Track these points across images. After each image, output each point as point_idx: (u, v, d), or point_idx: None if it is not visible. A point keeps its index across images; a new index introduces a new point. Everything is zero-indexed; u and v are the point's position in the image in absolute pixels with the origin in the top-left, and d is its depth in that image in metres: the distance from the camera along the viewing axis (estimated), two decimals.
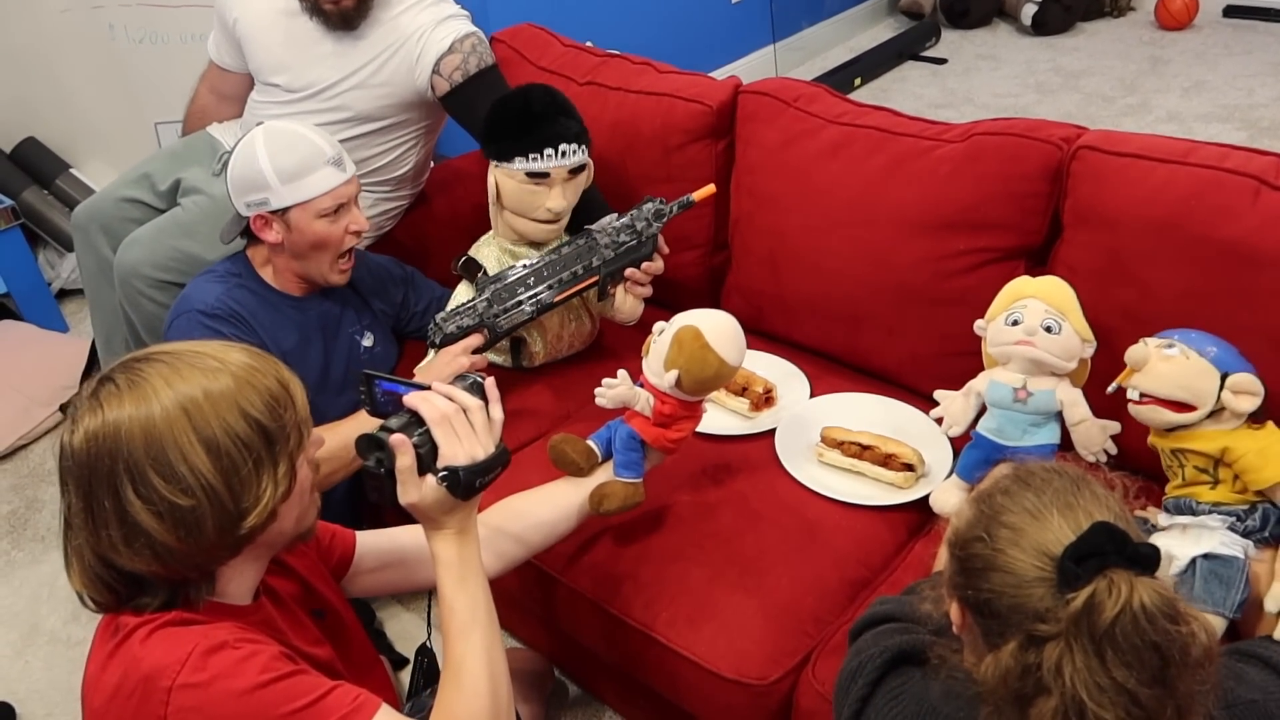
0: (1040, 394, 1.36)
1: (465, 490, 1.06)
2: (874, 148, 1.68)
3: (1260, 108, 3.64)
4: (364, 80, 1.96)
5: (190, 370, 0.95)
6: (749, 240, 1.88)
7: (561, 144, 1.69)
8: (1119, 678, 0.80)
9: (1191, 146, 1.44)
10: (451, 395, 1.09)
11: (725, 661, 1.36)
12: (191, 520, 0.92)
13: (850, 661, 1.09)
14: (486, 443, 1.08)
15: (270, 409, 0.96)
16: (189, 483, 0.91)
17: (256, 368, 0.98)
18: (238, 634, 0.95)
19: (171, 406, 0.92)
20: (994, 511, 0.89)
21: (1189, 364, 1.22)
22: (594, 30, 3.02)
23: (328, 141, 1.65)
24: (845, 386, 1.77)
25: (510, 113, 1.71)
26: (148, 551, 0.92)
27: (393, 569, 1.30)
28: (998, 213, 1.57)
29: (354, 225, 1.68)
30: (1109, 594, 0.80)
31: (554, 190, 1.72)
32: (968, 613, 0.91)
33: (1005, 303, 1.40)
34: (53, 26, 3.06)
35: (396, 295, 1.93)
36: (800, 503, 1.54)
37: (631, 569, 1.48)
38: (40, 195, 3.13)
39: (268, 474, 0.96)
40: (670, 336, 1.36)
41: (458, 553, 1.08)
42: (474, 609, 1.07)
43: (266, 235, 1.66)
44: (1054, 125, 1.56)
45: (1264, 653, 1.05)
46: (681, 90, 1.90)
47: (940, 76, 4.22)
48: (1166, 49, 4.20)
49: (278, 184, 1.60)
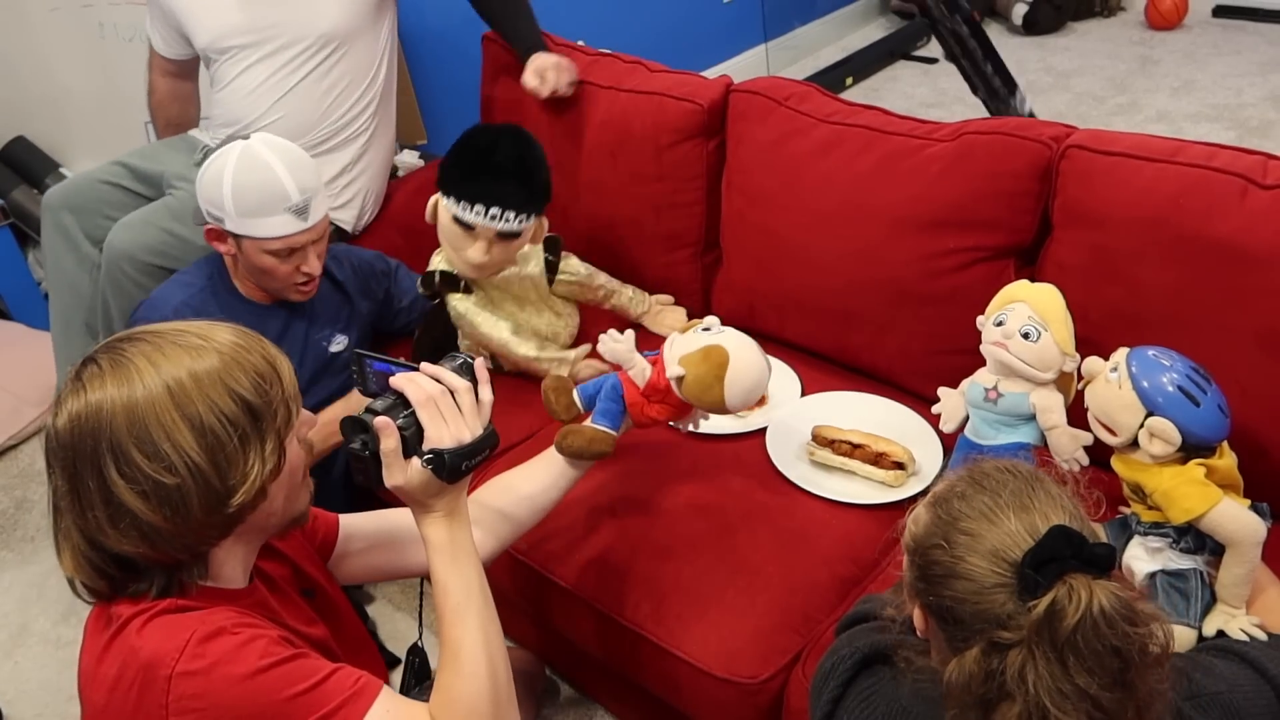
0: (1010, 396, 1.37)
1: (450, 473, 1.04)
2: (864, 147, 1.68)
3: (1249, 107, 3.66)
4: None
5: (174, 349, 0.94)
6: (740, 239, 1.88)
7: (494, 207, 1.61)
8: (1081, 683, 0.81)
9: (1180, 146, 1.44)
10: (439, 377, 1.07)
11: (716, 660, 1.36)
12: (177, 498, 0.91)
13: (824, 662, 1.10)
14: (474, 425, 1.07)
15: (257, 386, 0.95)
16: (173, 460, 0.90)
17: (243, 345, 0.97)
18: (235, 619, 0.94)
19: (155, 386, 0.91)
20: (951, 517, 0.89)
21: (1118, 394, 1.21)
22: (586, 29, 3.02)
23: (298, 187, 1.59)
24: (836, 385, 1.77)
25: (471, 149, 1.65)
26: (134, 532, 0.91)
27: (382, 549, 1.28)
28: (987, 211, 1.57)
29: (305, 267, 1.66)
30: (1069, 600, 0.80)
31: (477, 244, 1.65)
32: (930, 618, 0.92)
33: (999, 303, 1.40)
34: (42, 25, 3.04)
35: (379, 291, 1.91)
36: (791, 501, 1.54)
37: (623, 567, 1.48)
38: (30, 195, 3.12)
39: (255, 451, 0.94)
40: (705, 343, 1.36)
41: (448, 535, 1.07)
42: (468, 590, 1.06)
43: (219, 246, 1.67)
44: (1043, 124, 1.56)
45: (1236, 647, 1.07)
46: (673, 89, 1.90)
47: (931, 76, 4.23)
48: (1156, 49, 4.22)
49: (234, 214, 1.59)
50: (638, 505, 1.55)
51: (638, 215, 1.97)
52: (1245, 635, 1.12)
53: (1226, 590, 1.16)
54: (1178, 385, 1.18)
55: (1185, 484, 1.16)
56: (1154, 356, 1.21)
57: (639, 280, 2.07)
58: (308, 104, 2.03)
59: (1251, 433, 1.34)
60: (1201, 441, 1.18)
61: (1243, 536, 1.14)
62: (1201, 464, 1.18)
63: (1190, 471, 1.17)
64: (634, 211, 1.98)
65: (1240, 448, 1.27)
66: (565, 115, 2.02)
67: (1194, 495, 1.16)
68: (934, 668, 0.94)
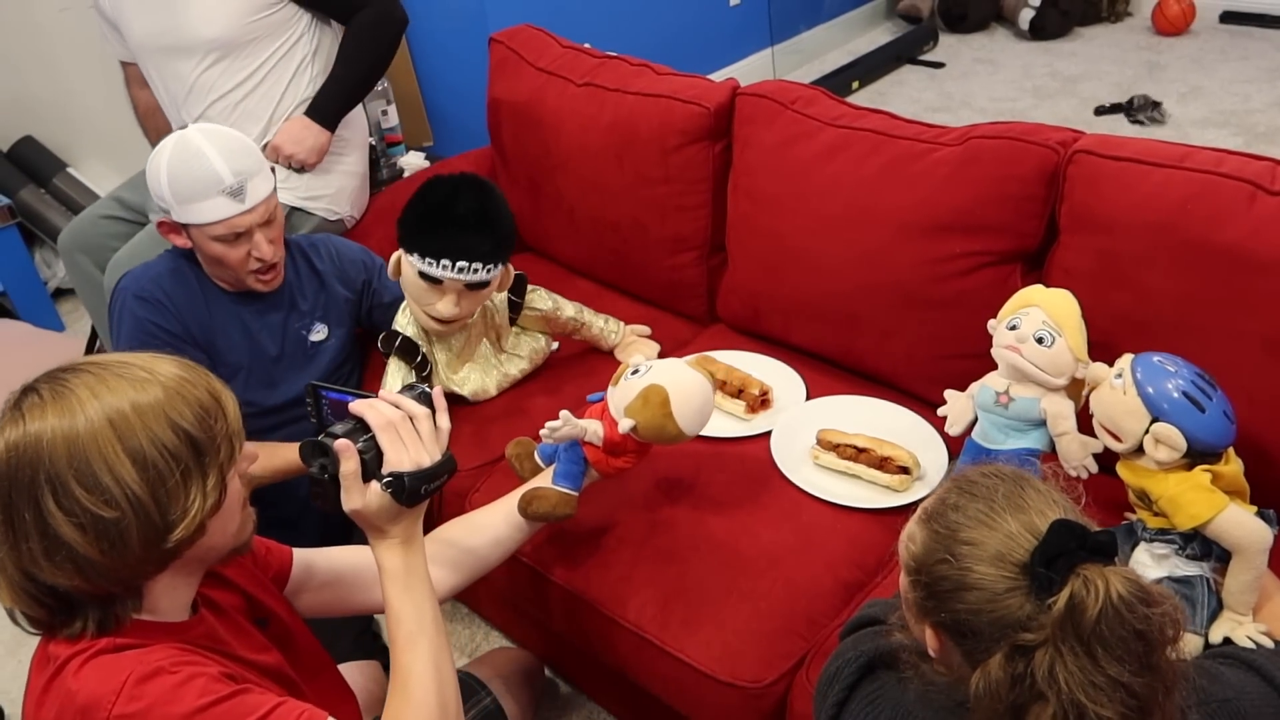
0: (1021, 401, 1.37)
1: (410, 497, 1.05)
2: (871, 150, 1.68)
3: (1256, 113, 3.65)
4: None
5: (117, 381, 0.92)
6: (746, 242, 1.88)
7: (461, 260, 1.57)
8: (1113, 673, 0.80)
9: (1187, 151, 1.44)
10: (398, 403, 1.08)
11: (719, 664, 1.36)
12: (115, 533, 0.89)
13: (829, 666, 1.09)
14: (433, 450, 1.08)
15: (200, 420, 0.94)
16: (113, 494, 0.89)
17: (187, 379, 0.96)
18: (175, 657, 0.92)
19: (96, 418, 0.89)
20: (950, 529, 0.88)
21: (1123, 400, 1.21)
22: (593, 32, 3.03)
23: (231, 170, 1.60)
24: (841, 389, 1.77)
25: (430, 203, 1.60)
26: (70, 565, 0.89)
27: (340, 587, 1.28)
28: (994, 216, 1.57)
29: (255, 252, 1.67)
30: (1087, 592, 0.80)
31: (445, 297, 1.62)
32: (944, 635, 0.91)
33: (1013, 307, 1.40)
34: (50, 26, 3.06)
35: (358, 281, 1.90)
36: (795, 505, 1.54)
37: (626, 570, 1.48)
38: (37, 194, 3.13)
39: (196, 486, 0.93)
40: (640, 388, 1.35)
41: (403, 561, 1.08)
42: (420, 618, 1.06)
43: (175, 239, 1.68)
44: (1050, 129, 1.56)
45: (1243, 654, 1.06)
46: (679, 92, 1.90)
47: (938, 80, 4.23)
48: (1163, 54, 4.21)
49: (173, 201, 1.61)
50: (642, 508, 1.55)
51: (643, 218, 1.97)
52: (1252, 642, 1.12)
53: (1233, 597, 1.16)
54: (1183, 391, 1.18)
55: (1191, 490, 1.16)
56: (1159, 362, 1.21)
57: (644, 283, 2.07)
58: (233, 105, 2.07)
59: (1258, 439, 1.34)
60: (1207, 447, 1.18)
61: (1249, 543, 1.14)
62: (1207, 470, 1.17)
63: (1196, 477, 1.17)
64: (640, 214, 1.98)
65: (1247, 454, 1.26)
66: (572, 118, 2.02)
67: (1200, 501, 1.15)
68: (940, 673, 0.94)
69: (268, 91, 2.08)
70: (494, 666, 1.59)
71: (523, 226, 1.93)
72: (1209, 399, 1.18)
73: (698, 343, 1.96)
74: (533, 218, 2.20)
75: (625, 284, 2.12)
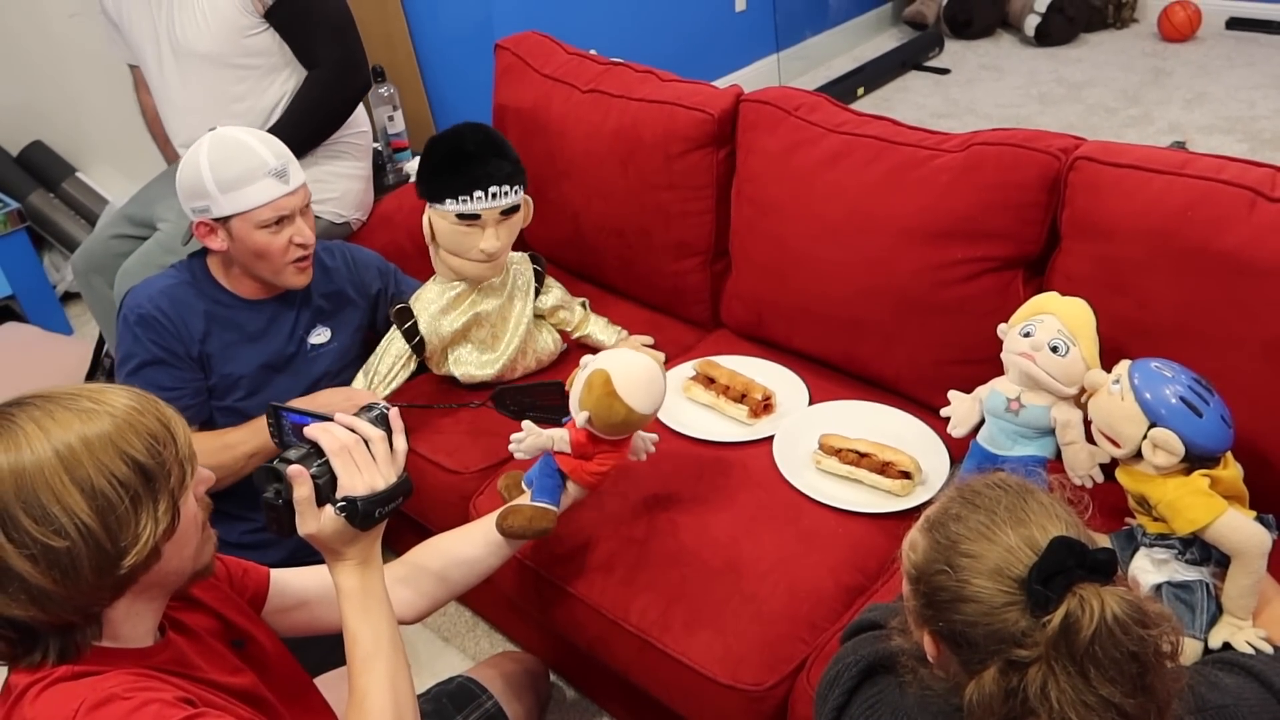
0: (1032, 408, 1.37)
1: (364, 520, 1.06)
2: (874, 157, 1.69)
3: (1262, 120, 3.65)
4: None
5: (65, 414, 0.92)
6: (749, 248, 1.89)
7: (492, 186, 1.68)
8: (1105, 694, 0.81)
9: (1188, 158, 1.44)
10: (353, 426, 1.09)
11: (721, 667, 1.36)
12: (67, 561, 0.89)
13: (829, 670, 1.10)
14: (388, 473, 1.09)
15: (150, 448, 0.93)
16: (62, 524, 0.88)
17: (136, 408, 0.95)
18: (130, 683, 0.92)
19: (44, 452, 0.89)
20: (950, 540, 0.89)
21: (1121, 405, 1.21)
22: (598, 38, 3.04)
23: (273, 153, 1.64)
24: (843, 394, 1.77)
25: (442, 152, 1.70)
26: (23, 595, 0.89)
27: (307, 609, 1.28)
28: (996, 222, 1.57)
29: (298, 238, 1.68)
30: (1082, 612, 0.80)
31: (486, 232, 1.70)
32: (941, 643, 0.91)
33: (1026, 313, 1.40)
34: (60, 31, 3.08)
35: (372, 288, 1.92)
36: (797, 509, 1.54)
37: (629, 574, 1.49)
38: (46, 198, 3.15)
39: (147, 512, 0.93)
40: (583, 379, 1.36)
41: (360, 583, 1.08)
42: (377, 639, 1.06)
43: (211, 242, 1.68)
44: (1052, 136, 1.56)
45: (1242, 660, 1.06)
46: (683, 98, 1.91)
47: (943, 86, 4.24)
48: (1169, 60, 4.21)
49: (217, 193, 1.61)
50: (645, 511, 1.56)
51: (647, 223, 1.98)
52: (1251, 648, 1.12)
53: (1232, 602, 1.16)
54: (1180, 396, 1.18)
55: (1189, 495, 1.16)
56: (1156, 368, 1.21)
57: (648, 288, 2.08)
58: (226, 114, 2.07)
59: (1258, 444, 1.34)
60: (1205, 452, 1.18)
61: (1248, 547, 1.14)
62: (1206, 475, 1.18)
63: (1195, 482, 1.17)
64: (644, 220, 1.99)
65: (1247, 459, 1.26)
66: (577, 124, 2.03)
67: (1198, 506, 1.16)
68: (940, 678, 0.94)
69: (254, 104, 2.09)
70: (497, 670, 1.59)
71: (527, 231, 1.94)
72: (1206, 404, 1.18)
73: (701, 348, 1.97)
74: (537, 223, 2.20)
75: (629, 289, 2.13)
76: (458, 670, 1.60)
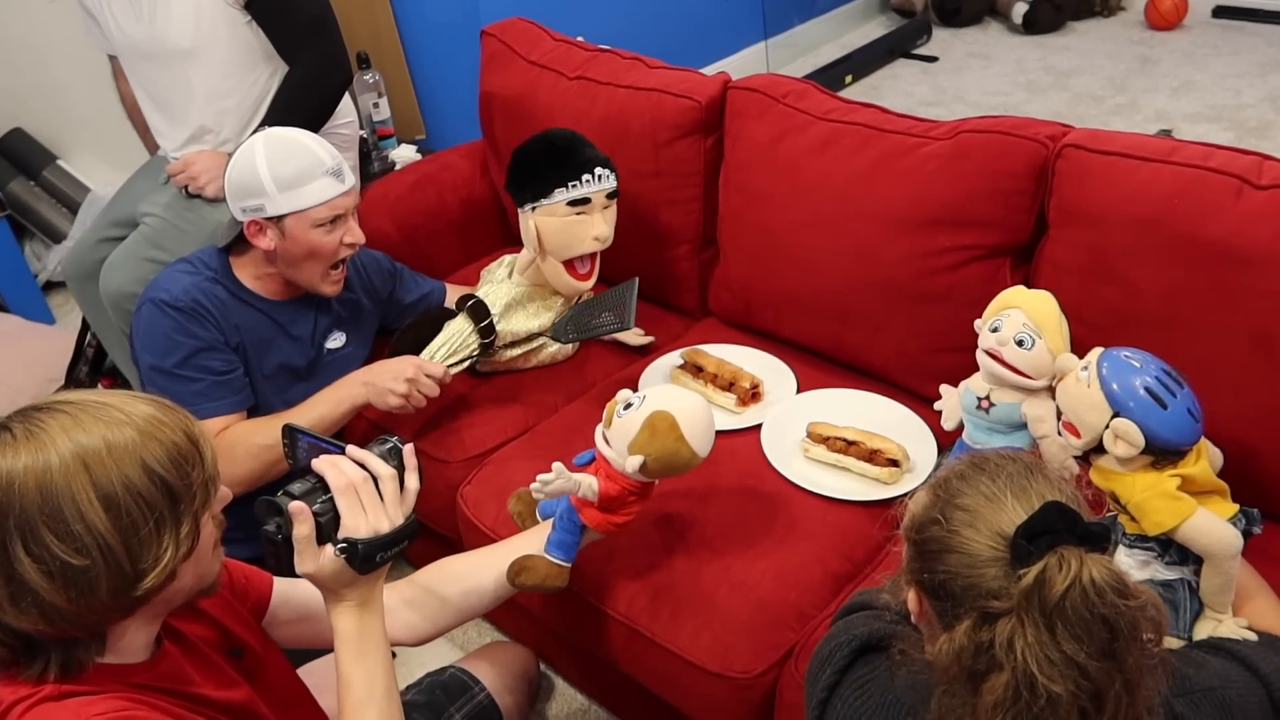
0: (1002, 406, 1.38)
1: (364, 563, 1.02)
2: (861, 144, 1.68)
3: (1248, 108, 3.66)
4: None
5: (92, 421, 0.89)
6: (737, 236, 1.88)
7: (597, 168, 1.74)
8: (1069, 650, 0.81)
9: (1175, 145, 1.44)
10: (364, 461, 1.05)
11: (709, 655, 1.36)
12: (84, 581, 0.87)
13: (820, 649, 1.10)
14: (394, 514, 1.05)
15: (176, 464, 0.91)
16: (84, 541, 0.86)
17: (162, 420, 0.93)
18: (114, 705, 0.90)
19: (69, 458, 0.87)
20: (949, 495, 0.90)
21: (1086, 393, 1.19)
22: (585, 25, 3.02)
23: (328, 152, 1.64)
24: (831, 382, 1.77)
25: (536, 154, 1.76)
26: (35, 610, 0.87)
27: (307, 623, 1.25)
28: (983, 210, 1.57)
29: (349, 238, 1.67)
30: (1059, 569, 0.81)
31: (595, 216, 1.76)
32: (924, 597, 0.92)
33: (995, 309, 1.40)
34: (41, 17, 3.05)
35: (383, 291, 1.92)
36: (785, 497, 1.54)
37: (617, 562, 1.48)
38: (27, 187, 3.12)
39: (169, 534, 0.90)
40: (642, 420, 1.26)
41: (357, 626, 1.05)
42: (370, 685, 1.04)
43: (260, 241, 1.65)
44: (1040, 123, 1.56)
45: (1228, 644, 1.07)
46: (671, 86, 1.90)
47: (931, 74, 4.23)
48: (1156, 49, 4.22)
49: (275, 191, 1.59)
50: None
51: (635, 211, 1.98)
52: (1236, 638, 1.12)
53: (1209, 598, 1.16)
54: (1146, 387, 1.15)
55: (1156, 497, 1.14)
56: (1125, 358, 1.19)
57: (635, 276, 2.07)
58: (215, 108, 2.06)
59: (1243, 433, 1.34)
60: (1167, 445, 1.15)
61: (1217, 549, 1.13)
62: (1176, 474, 1.15)
63: (1163, 484, 1.15)
64: (631, 207, 1.98)
65: (1232, 448, 1.27)
66: (564, 111, 2.02)
67: (1165, 509, 1.14)
68: (928, 659, 0.95)
69: (243, 98, 2.07)
70: (488, 661, 1.59)
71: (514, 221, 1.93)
72: (1173, 396, 1.15)
73: (689, 336, 1.96)
74: None
75: (617, 278, 2.12)
76: (447, 659, 1.59)
